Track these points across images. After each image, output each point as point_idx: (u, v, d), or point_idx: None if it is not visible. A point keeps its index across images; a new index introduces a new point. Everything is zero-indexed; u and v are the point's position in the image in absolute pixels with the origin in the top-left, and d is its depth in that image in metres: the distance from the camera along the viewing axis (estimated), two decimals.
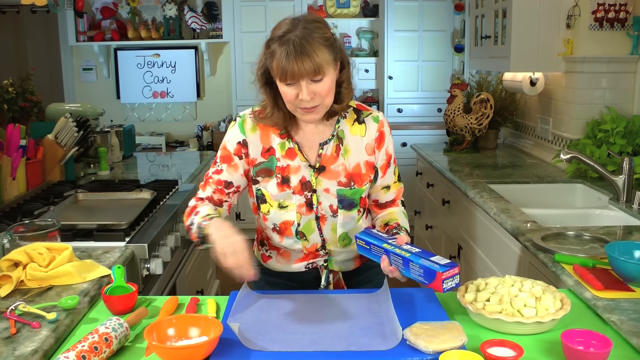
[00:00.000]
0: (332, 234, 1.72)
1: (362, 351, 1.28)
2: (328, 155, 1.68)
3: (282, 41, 1.50)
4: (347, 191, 1.69)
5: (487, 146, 3.92)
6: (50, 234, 1.82)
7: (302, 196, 1.68)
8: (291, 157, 1.67)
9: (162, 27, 5.44)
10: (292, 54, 1.48)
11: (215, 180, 1.71)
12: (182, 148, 5.46)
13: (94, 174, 3.22)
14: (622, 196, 2.44)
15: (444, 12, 5.15)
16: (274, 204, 1.69)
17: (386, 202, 1.81)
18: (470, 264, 2.87)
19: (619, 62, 3.04)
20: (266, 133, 1.68)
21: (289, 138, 1.68)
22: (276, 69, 1.52)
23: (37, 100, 3.39)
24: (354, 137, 1.70)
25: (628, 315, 1.40)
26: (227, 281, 4.25)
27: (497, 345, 1.25)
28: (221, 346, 1.29)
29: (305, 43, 1.49)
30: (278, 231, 1.73)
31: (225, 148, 1.70)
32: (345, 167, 1.69)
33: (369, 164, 1.72)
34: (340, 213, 1.70)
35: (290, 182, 1.67)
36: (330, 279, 1.77)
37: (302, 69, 1.49)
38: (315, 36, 1.51)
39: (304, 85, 1.51)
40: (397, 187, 1.81)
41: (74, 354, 1.21)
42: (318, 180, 1.68)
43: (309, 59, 1.48)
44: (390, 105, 5.25)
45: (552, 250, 1.84)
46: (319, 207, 1.69)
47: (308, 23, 1.53)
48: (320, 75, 1.52)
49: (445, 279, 1.39)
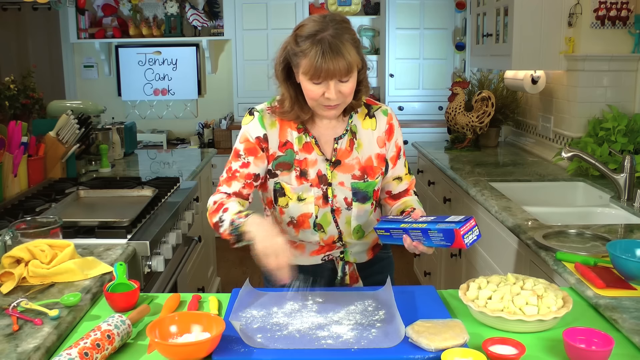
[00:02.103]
0: (347, 227, 1.75)
1: (365, 349, 1.28)
2: (343, 150, 1.71)
3: (315, 40, 1.51)
4: (361, 184, 1.72)
5: (488, 144, 3.92)
6: (52, 231, 1.82)
7: (319, 189, 1.70)
8: (308, 151, 1.70)
9: (164, 24, 5.44)
10: (328, 54, 1.49)
11: (243, 174, 1.69)
12: (183, 145, 5.46)
13: (96, 171, 3.22)
14: (624, 194, 2.44)
15: (446, 10, 5.15)
16: (293, 196, 1.71)
17: (399, 193, 1.83)
18: (471, 262, 2.87)
19: (620, 60, 3.04)
20: (284, 128, 1.70)
21: (306, 132, 1.70)
22: (308, 67, 1.52)
23: (38, 98, 3.40)
24: (365, 131, 1.74)
25: (630, 313, 1.40)
26: (227, 279, 4.28)
27: (499, 343, 1.25)
28: (223, 343, 1.29)
29: (339, 43, 1.51)
30: (295, 224, 1.74)
31: (248, 141, 1.70)
32: (358, 160, 1.72)
33: (380, 157, 1.75)
34: (355, 206, 1.73)
35: (308, 175, 1.70)
36: (346, 269, 1.80)
37: (336, 68, 1.51)
38: (347, 37, 1.53)
39: (332, 85, 1.54)
40: (408, 178, 1.84)
41: (76, 350, 1.21)
42: (333, 174, 1.71)
43: (343, 59, 1.51)
44: (391, 103, 5.25)
45: (553, 249, 1.84)
46: (334, 200, 1.72)
47: (338, 23, 1.55)
48: (349, 76, 1.55)
49: (465, 234, 1.42)
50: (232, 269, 4.57)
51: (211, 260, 3.84)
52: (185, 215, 2.66)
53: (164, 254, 2.21)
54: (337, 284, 1.79)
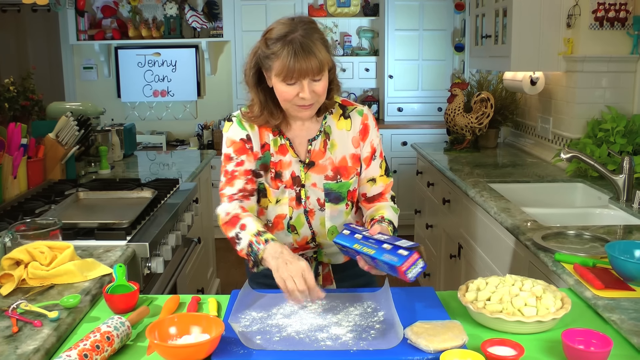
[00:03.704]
0: (321, 228, 1.76)
1: (363, 350, 1.29)
2: (316, 151, 1.72)
3: (286, 41, 1.54)
4: (333, 185, 1.73)
5: (487, 145, 3.92)
6: (52, 233, 1.82)
7: (292, 190, 1.72)
8: (283, 153, 1.72)
9: (163, 25, 5.44)
10: (300, 53, 1.52)
11: (241, 172, 1.70)
12: (182, 147, 5.47)
13: (95, 173, 3.22)
14: (622, 195, 2.45)
15: (445, 11, 5.15)
16: (273, 199, 1.73)
17: (374, 196, 1.82)
18: (470, 263, 2.87)
19: (619, 61, 3.04)
20: (262, 130, 1.72)
21: (281, 135, 1.72)
22: (281, 69, 1.54)
23: (38, 99, 3.40)
24: (340, 132, 1.75)
25: (628, 314, 1.41)
26: (227, 280, 4.28)
27: (497, 345, 1.26)
28: (222, 345, 1.29)
29: (310, 42, 1.54)
30: (270, 227, 1.76)
31: (234, 142, 1.71)
32: (332, 161, 1.73)
33: (355, 157, 1.75)
34: (328, 207, 1.74)
35: (282, 176, 1.72)
36: (319, 270, 1.80)
37: (309, 67, 1.53)
38: (316, 36, 1.57)
39: (305, 84, 1.56)
40: (384, 180, 1.81)
41: (75, 352, 1.22)
42: (307, 176, 1.72)
43: (315, 58, 1.54)
44: (390, 104, 5.25)
45: (552, 250, 1.84)
46: (307, 201, 1.73)
47: (306, 24, 1.58)
48: (321, 74, 1.57)
49: (407, 270, 1.42)
50: (231, 270, 4.57)
51: (210, 262, 3.84)
52: (184, 217, 2.66)
53: (164, 256, 2.22)
54: None
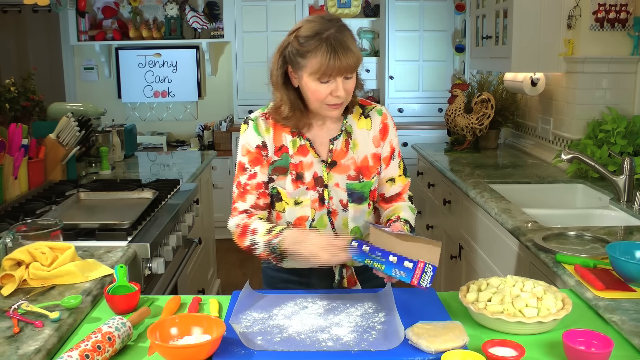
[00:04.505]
0: (344, 228, 1.75)
1: (364, 351, 1.29)
2: (338, 150, 1.71)
3: (322, 38, 1.53)
4: (356, 185, 1.72)
5: (488, 146, 3.93)
6: (53, 234, 1.82)
7: (315, 191, 1.70)
8: (304, 154, 1.70)
9: (164, 26, 5.44)
10: (340, 50, 1.52)
11: (253, 185, 1.71)
12: (183, 147, 5.47)
13: (96, 174, 3.22)
14: (623, 196, 2.45)
15: (445, 12, 5.15)
16: (290, 201, 1.71)
17: (392, 196, 1.82)
18: (471, 264, 2.87)
19: (619, 62, 3.04)
20: (278, 132, 1.71)
21: (300, 135, 1.70)
22: (318, 66, 1.53)
23: (38, 100, 3.40)
24: (361, 131, 1.74)
25: (629, 315, 1.41)
26: (227, 281, 4.28)
27: (498, 345, 1.26)
28: (224, 345, 1.29)
29: (346, 39, 1.54)
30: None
31: (249, 152, 1.71)
32: (354, 160, 1.72)
33: (376, 156, 1.75)
34: (351, 207, 1.73)
35: (304, 178, 1.70)
36: (343, 273, 1.78)
37: (347, 64, 1.53)
38: (348, 33, 1.57)
39: (339, 82, 1.56)
40: (402, 180, 1.82)
41: (77, 352, 1.22)
42: (329, 176, 1.71)
43: (353, 55, 1.54)
44: (391, 105, 5.25)
45: (553, 251, 1.84)
46: (330, 202, 1.72)
47: (337, 21, 1.58)
48: (354, 72, 1.58)
49: (419, 282, 1.42)
50: (232, 270, 4.57)
51: (211, 262, 3.84)
52: (185, 218, 2.66)
53: (165, 256, 2.22)
54: (334, 287, 1.78)
